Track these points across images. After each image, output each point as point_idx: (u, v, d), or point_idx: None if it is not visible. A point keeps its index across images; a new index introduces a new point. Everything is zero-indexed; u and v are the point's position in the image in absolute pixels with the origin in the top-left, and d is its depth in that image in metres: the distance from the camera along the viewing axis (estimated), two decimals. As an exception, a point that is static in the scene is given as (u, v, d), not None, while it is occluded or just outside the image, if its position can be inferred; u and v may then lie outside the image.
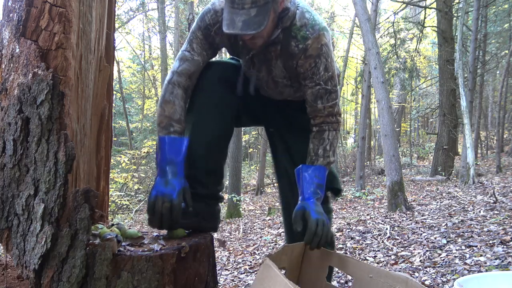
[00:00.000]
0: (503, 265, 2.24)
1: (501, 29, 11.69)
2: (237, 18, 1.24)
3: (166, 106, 1.39)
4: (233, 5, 1.24)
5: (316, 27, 1.39)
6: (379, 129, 6.12)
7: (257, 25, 1.24)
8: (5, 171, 1.12)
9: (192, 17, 10.36)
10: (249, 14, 1.24)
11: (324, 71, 1.41)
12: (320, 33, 1.39)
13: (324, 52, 1.40)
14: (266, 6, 1.25)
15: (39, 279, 1.05)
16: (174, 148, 1.34)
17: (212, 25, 1.44)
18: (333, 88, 1.44)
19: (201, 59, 1.45)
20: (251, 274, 3.26)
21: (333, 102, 1.45)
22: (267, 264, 1.27)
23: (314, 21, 1.40)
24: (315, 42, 1.39)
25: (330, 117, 1.47)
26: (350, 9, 16.32)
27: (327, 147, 1.46)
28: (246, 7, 1.23)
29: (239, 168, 9.27)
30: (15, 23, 1.20)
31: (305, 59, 1.41)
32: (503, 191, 5.14)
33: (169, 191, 1.28)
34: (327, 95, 1.44)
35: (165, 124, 1.37)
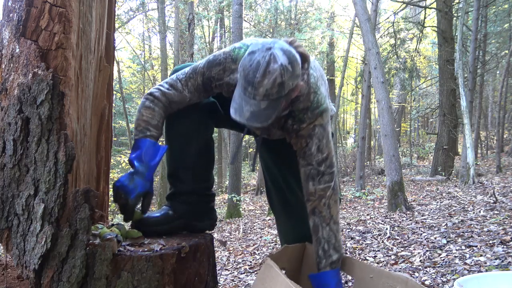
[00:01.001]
0: (503, 265, 2.24)
1: (501, 29, 11.69)
2: (246, 107, 1.20)
3: (145, 111, 1.38)
4: (245, 93, 1.20)
5: (316, 111, 1.37)
6: (379, 129, 6.12)
7: (265, 119, 1.21)
8: (5, 171, 1.12)
9: (192, 17, 10.36)
10: (259, 107, 1.19)
11: (316, 151, 1.38)
12: (317, 116, 1.37)
13: (317, 133, 1.37)
14: (278, 101, 1.21)
15: (39, 279, 1.05)
16: (150, 151, 1.34)
17: (216, 80, 1.40)
18: (326, 170, 1.39)
19: (189, 96, 1.41)
20: (251, 274, 3.26)
21: (325, 185, 1.39)
22: (268, 264, 1.27)
23: (317, 103, 1.37)
24: (309, 124, 1.37)
25: (322, 203, 1.40)
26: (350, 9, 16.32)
27: (325, 247, 1.40)
28: (257, 98, 1.18)
29: (239, 168, 9.26)
30: (15, 23, 1.19)
31: (297, 138, 1.39)
32: (503, 191, 5.14)
33: (129, 189, 1.28)
34: (319, 176, 1.39)
35: (142, 128, 1.36)
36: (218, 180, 14.46)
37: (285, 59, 1.17)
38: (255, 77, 1.16)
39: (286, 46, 1.21)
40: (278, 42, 1.21)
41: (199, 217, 1.49)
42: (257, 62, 1.16)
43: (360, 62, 14.30)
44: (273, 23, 13.30)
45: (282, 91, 1.19)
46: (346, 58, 11.66)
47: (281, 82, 1.17)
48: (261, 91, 1.17)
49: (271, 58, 1.16)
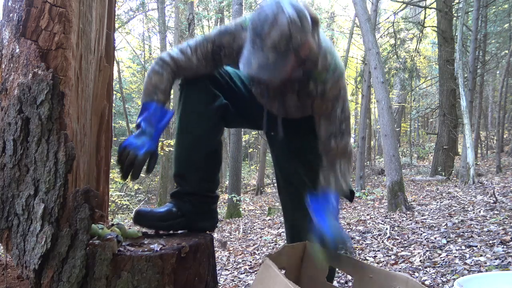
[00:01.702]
0: (503, 265, 2.24)
1: (501, 29, 11.69)
2: (254, 59, 1.20)
3: (154, 75, 1.39)
4: (254, 45, 1.20)
5: (337, 71, 1.38)
6: (379, 129, 6.12)
7: (271, 72, 1.22)
8: (5, 171, 1.12)
9: (192, 17, 10.36)
10: (267, 59, 1.19)
11: (341, 112, 1.41)
12: (339, 77, 1.39)
13: (342, 95, 1.41)
14: (286, 54, 1.20)
15: (39, 279, 1.05)
16: (157, 115, 1.36)
17: (225, 48, 1.40)
18: (346, 128, 1.44)
19: (197, 63, 1.42)
20: (251, 274, 3.26)
21: (345, 141, 1.44)
22: (267, 264, 1.27)
23: (336, 65, 1.38)
24: (334, 86, 1.38)
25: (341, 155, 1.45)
26: (350, 9, 16.32)
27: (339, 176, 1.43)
28: (265, 50, 1.18)
29: (239, 168, 9.26)
30: (15, 23, 1.20)
31: (322, 101, 1.40)
32: (503, 191, 5.14)
33: (137, 145, 1.30)
34: (340, 135, 1.43)
35: (150, 92, 1.38)
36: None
37: (293, 12, 1.18)
38: (263, 29, 1.17)
39: (295, 2, 1.22)
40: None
41: (201, 218, 1.50)
42: (265, 15, 1.17)
43: (360, 62, 14.30)
44: (273, 23, 13.26)
45: (290, 44, 1.18)
46: (346, 58, 11.67)
47: (289, 34, 1.17)
48: (269, 42, 1.17)
49: (279, 10, 1.17)
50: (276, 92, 1.47)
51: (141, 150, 1.30)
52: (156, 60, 1.43)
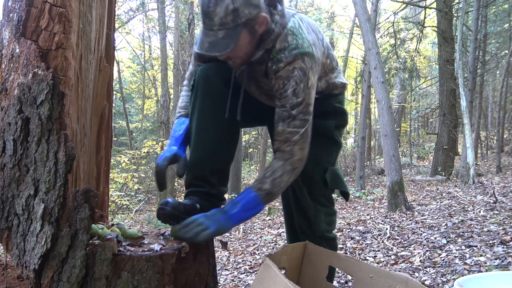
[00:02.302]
0: (503, 265, 2.24)
1: (501, 29, 11.69)
2: (206, 38, 1.26)
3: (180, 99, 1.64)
4: (204, 26, 1.27)
5: (294, 51, 1.34)
6: (379, 129, 6.12)
7: (222, 48, 1.26)
8: (5, 171, 1.12)
9: (192, 17, 10.36)
10: (216, 36, 1.25)
11: (292, 94, 1.34)
12: (296, 58, 1.34)
13: (295, 76, 1.34)
14: (235, 29, 1.25)
15: (39, 279, 1.05)
16: (176, 126, 1.55)
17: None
18: (299, 115, 1.35)
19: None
20: (251, 274, 3.26)
21: (294, 129, 1.35)
22: (267, 264, 1.27)
23: (296, 45, 1.34)
24: (288, 65, 1.34)
25: (285, 145, 1.37)
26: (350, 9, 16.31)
27: (267, 174, 1.36)
28: (214, 28, 1.24)
29: (239, 168, 9.27)
30: (15, 23, 1.20)
31: (275, 80, 1.38)
32: (503, 191, 5.14)
33: (160, 156, 1.43)
34: (289, 119, 1.35)
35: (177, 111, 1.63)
36: (218, 180, 14.45)
37: None
38: (209, 7, 1.22)
39: None
40: None
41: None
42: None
43: (360, 62, 14.30)
44: (273, 23, 13.26)
45: (237, 18, 1.23)
46: (346, 58, 11.67)
47: (234, 8, 1.21)
48: (216, 20, 1.22)
49: None
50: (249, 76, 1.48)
51: (159, 158, 1.41)
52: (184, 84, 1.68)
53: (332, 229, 1.67)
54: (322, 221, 1.61)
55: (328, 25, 14.74)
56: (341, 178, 1.63)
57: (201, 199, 1.46)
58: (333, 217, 1.68)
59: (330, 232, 1.65)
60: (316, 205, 1.59)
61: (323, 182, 1.57)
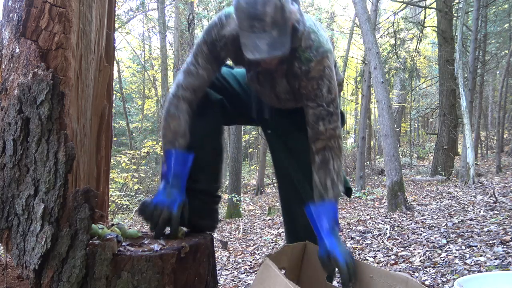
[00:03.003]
0: (503, 265, 2.24)
1: (501, 29, 11.68)
2: (261, 41, 1.20)
3: (171, 120, 1.39)
4: (253, 30, 1.20)
5: (321, 49, 1.37)
6: (379, 129, 6.12)
7: (283, 46, 1.23)
8: (5, 171, 1.12)
9: (192, 17, 10.35)
10: (272, 36, 1.21)
11: (327, 92, 1.39)
12: (323, 56, 1.37)
13: (327, 74, 1.38)
14: (286, 25, 1.24)
15: (39, 279, 1.05)
16: (180, 162, 1.37)
17: (218, 40, 1.41)
18: (335, 110, 1.41)
19: (206, 74, 1.43)
20: (251, 274, 3.26)
21: (335, 124, 1.41)
22: (267, 264, 1.27)
23: (319, 43, 1.38)
24: (318, 65, 1.37)
25: (332, 141, 1.41)
26: (350, 9, 16.31)
27: (335, 178, 1.39)
28: (267, 29, 1.20)
29: (239, 168, 9.26)
30: (15, 23, 1.20)
31: (307, 81, 1.39)
32: (503, 191, 5.14)
33: (170, 202, 1.31)
34: (329, 116, 1.40)
35: (171, 138, 1.38)
36: (218, 180, 14.44)
37: None
38: (257, 10, 1.19)
39: None
40: None
41: (204, 216, 1.50)
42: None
43: (360, 62, 14.30)
44: (273, 23, 13.26)
45: (285, 14, 1.22)
46: (346, 58, 11.67)
47: (281, 5, 1.21)
48: (268, 20, 1.19)
49: None
50: (266, 77, 1.48)
51: (174, 206, 1.31)
52: (170, 100, 1.42)
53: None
54: None
55: (328, 25, 14.74)
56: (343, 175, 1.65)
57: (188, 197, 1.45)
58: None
59: None
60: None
61: None
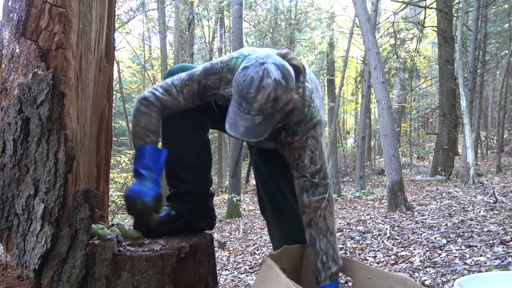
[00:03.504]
0: (503, 265, 2.24)
1: (501, 29, 11.68)
2: (241, 122, 1.20)
3: (141, 117, 1.37)
4: (240, 108, 1.19)
5: (309, 124, 1.37)
6: (379, 129, 6.13)
7: (259, 134, 1.22)
8: (5, 171, 1.12)
9: (192, 17, 10.36)
10: (254, 121, 1.19)
11: (309, 163, 1.38)
12: (310, 129, 1.37)
13: (310, 144, 1.37)
14: (273, 116, 1.22)
15: (39, 279, 1.05)
16: (153, 157, 1.36)
17: (212, 88, 1.40)
18: (320, 181, 1.39)
19: (183, 103, 1.41)
20: (251, 274, 3.26)
21: (320, 196, 1.39)
22: (269, 264, 1.27)
23: (311, 116, 1.37)
24: (302, 136, 1.37)
25: (317, 215, 1.39)
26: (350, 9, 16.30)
27: (324, 259, 1.38)
28: (252, 113, 1.18)
29: (239, 168, 9.26)
30: (15, 23, 1.20)
31: (290, 150, 1.39)
32: (503, 191, 5.14)
33: (144, 193, 1.29)
34: (313, 188, 1.39)
35: (141, 135, 1.37)
36: (218, 180, 14.45)
37: (278, 74, 1.17)
38: (249, 93, 1.16)
39: (279, 60, 1.21)
40: (272, 57, 1.21)
41: (199, 217, 1.50)
42: (250, 78, 1.16)
43: (360, 62, 14.30)
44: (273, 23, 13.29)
45: (276, 105, 1.19)
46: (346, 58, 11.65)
47: (275, 97, 1.17)
48: (255, 106, 1.17)
49: (265, 73, 1.16)
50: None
51: (148, 196, 1.29)
52: (140, 100, 1.40)
53: None
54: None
55: (328, 25, 14.73)
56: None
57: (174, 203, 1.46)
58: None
59: None
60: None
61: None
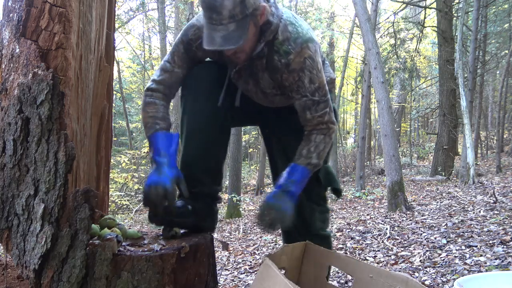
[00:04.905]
0: (503, 265, 2.24)
1: (501, 29, 11.68)
2: (216, 34, 1.24)
3: (148, 107, 1.43)
4: (211, 21, 1.24)
5: (299, 40, 1.36)
6: (379, 129, 6.13)
7: (236, 40, 1.24)
8: (5, 171, 1.12)
9: (192, 17, 10.36)
10: (228, 30, 1.23)
11: (309, 83, 1.39)
12: (302, 47, 1.36)
13: (308, 65, 1.38)
14: (245, 20, 1.25)
15: (39, 279, 1.05)
16: (164, 142, 1.39)
17: (194, 41, 1.43)
18: (321, 98, 1.41)
19: (181, 71, 1.47)
20: (251, 274, 3.26)
21: (322, 111, 1.42)
22: (267, 264, 1.27)
23: (297, 33, 1.37)
24: (298, 56, 1.36)
25: (321, 125, 1.44)
26: (350, 9, 16.30)
27: (311, 149, 1.43)
28: (224, 22, 1.22)
29: (239, 168, 9.26)
30: (15, 23, 1.20)
31: (288, 73, 1.39)
32: (503, 191, 5.14)
33: (162, 179, 1.31)
34: (315, 105, 1.41)
35: (151, 124, 1.41)
36: (218, 180, 14.44)
37: None
38: (216, 2, 1.21)
39: None
40: None
41: (205, 218, 1.50)
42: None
43: (360, 62, 14.30)
44: (273, 23, 13.25)
45: (245, 9, 1.23)
46: (346, 58, 11.66)
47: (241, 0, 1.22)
48: (225, 13, 1.22)
49: None
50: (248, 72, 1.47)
51: (166, 181, 1.30)
52: (145, 92, 1.47)
53: (326, 226, 1.69)
54: (316, 219, 1.63)
55: (328, 25, 14.73)
56: (333, 175, 1.65)
57: (193, 200, 1.46)
58: (327, 214, 1.70)
59: (324, 230, 1.68)
60: (311, 204, 1.61)
61: (317, 180, 1.58)
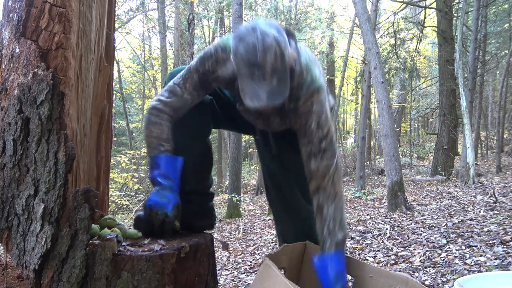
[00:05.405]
0: (503, 265, 2.24)
1: (501, 29, 11.68)
2: (260, 90, 1.19)
3: (153, 127, 1.40)
4: (253, 77, 1.19)
5: (311, 88, 1.36)
6: (379, 129, 6.12)
7: (282, 94, 1.21)
8: (5, 171, 1.12)
9: (192, 17, 10.35)
10: (272, 84, 1.19)
11: (316, 128, 1.37)
12: (313, 93, 1.36)
13: (316, 110, 1.37)
14: (286, 73, 1.22)
15: (39, 279, 1.05)
16: (170, 165, 1.37)
17: (211, 73, 1.40)
18: (328, 146, 1.38)
19: (190, 98, 1.43)
20: (251, 274, 3.26)
21: (328, 162, 1.38)
22: (267, 264, 1.27)
23: (311, 81, 1.37)
24: (306, 101, 1.37)
25: (326, 180, 1.38)
26: (350, 9, 16.30)
27: (331, 226, 1.36)
28: (267, 77, 1.19)
29: (239, 168, 9.25)
30: (15, 23, 1.20)
31: (296, 117, 1.39)
32: (503, 191, 5.14)
33: (164, 203, 1.30)
34: (321, 153, 1.38)
35: (155, 144, 1.39)
36: (218, 180, 14.46)
37: (273, 31, 1.20)
38: (257, 58, 1.17)
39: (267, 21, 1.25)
40: (257, 21, 1.24)
41: (199, 217, 1.50)
42: (252, 44, 1.18)
43: (360, 62, 14.30)
44: (273, 23, 13.25)
45: (285, 61, 1.21)
46: (346, 58, 11.66)
47: (281, 52, 1.20)
48: (268, 68, 1.18)
49: (262, 34, 1.18)
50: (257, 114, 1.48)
51: (169, 206, 1.30)
52: (150, 110, 1.43)
53: None
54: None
55: (328, 25, 14.73)
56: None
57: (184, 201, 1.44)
58: None
59: None
60: (310, 207, 1.60)
61: None
